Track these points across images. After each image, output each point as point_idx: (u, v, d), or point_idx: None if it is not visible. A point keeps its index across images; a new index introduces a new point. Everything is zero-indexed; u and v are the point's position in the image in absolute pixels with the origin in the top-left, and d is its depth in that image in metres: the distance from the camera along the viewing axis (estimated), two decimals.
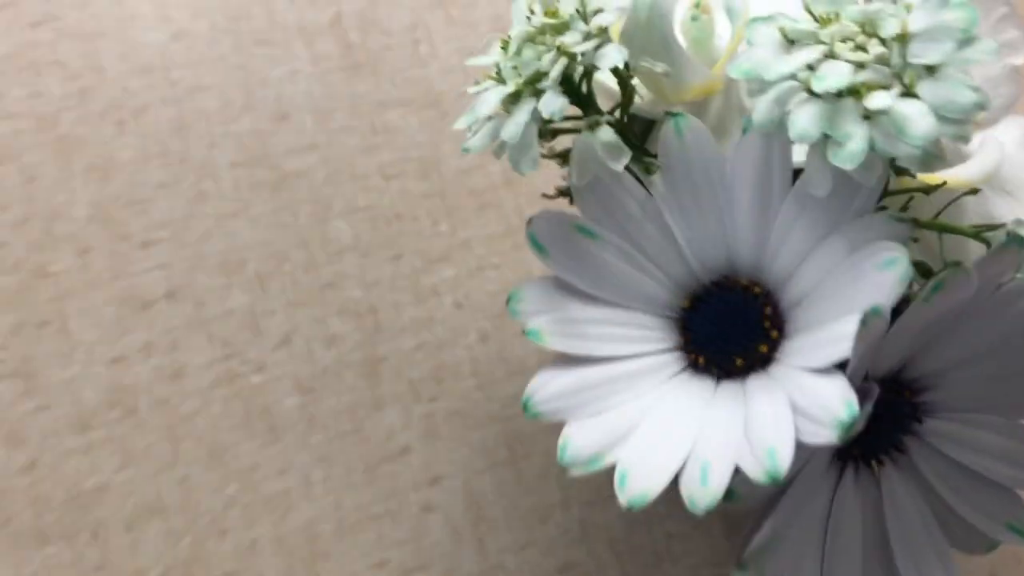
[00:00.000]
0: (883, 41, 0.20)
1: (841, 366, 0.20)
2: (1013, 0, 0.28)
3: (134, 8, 0.38)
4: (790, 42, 0.21)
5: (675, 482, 0.22)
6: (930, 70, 0.20)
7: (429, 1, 0.39)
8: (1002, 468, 0.23)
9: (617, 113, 0.24)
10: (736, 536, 0.33)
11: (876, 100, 0.19)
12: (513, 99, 0.22)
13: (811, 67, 0.20)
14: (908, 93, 0.20)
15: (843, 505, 0.23)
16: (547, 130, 0.23)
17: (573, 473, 0.22)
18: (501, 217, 0.37)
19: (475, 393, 0.34)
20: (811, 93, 0.20)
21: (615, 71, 0.23)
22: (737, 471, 0.20)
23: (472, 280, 0.36)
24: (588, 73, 0.23)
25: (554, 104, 0.21)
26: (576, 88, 0.23)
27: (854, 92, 0.20)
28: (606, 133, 0.22)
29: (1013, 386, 0.23)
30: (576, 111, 0.23)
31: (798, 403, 0.20)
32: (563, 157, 0.24)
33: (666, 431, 0.22)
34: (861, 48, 0.20)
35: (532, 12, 0.23)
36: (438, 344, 0.35)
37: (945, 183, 0.24)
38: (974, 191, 0.25)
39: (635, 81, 0.24)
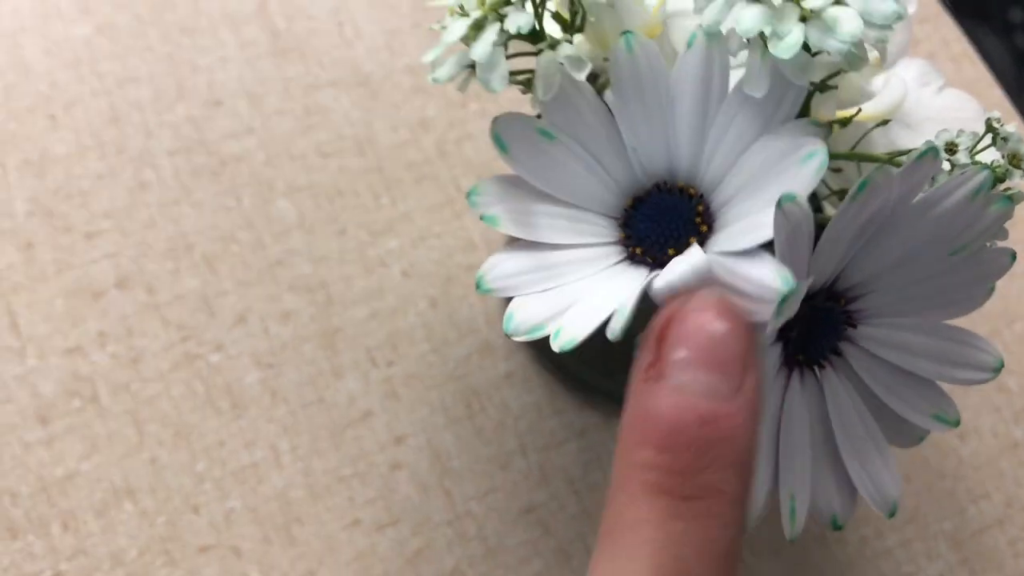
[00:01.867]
0: None
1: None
2: None
3: (54, 3, 0.38)
4: None
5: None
6: None
7: None
8: (925, 364, 0.26)
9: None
10: None
11: (812, 2, 0.22)
12: (477, 27, 0.24)
13: None
14: (839, 1, 0.22)
15: (792, 406, 0.26)
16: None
17: (516, 338, 0.25)
18: (439, 188, 0.38)
19: (430, 356, 0.36)
20: None
21: (558, 15, 0.26)
22: None
23: (416, 250, 0.37)
24: (541, 5, 0.25)
25: (520, 19, 0.23)
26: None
27: None
28: (567, 48, 0.24)
29: (931, 289, 0.26)
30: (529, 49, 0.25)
31: (730, 284, 0.22)
32: (525, 85, 0.26)
33: (600, 306, 0.24)
34: None
35: None
36: (390, 312, 0.36)
37: (859, 111, 0.27)
38: (884, 123, 0.28)
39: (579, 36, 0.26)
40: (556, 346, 0.24)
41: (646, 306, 0.23)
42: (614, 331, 0.23)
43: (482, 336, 0.36)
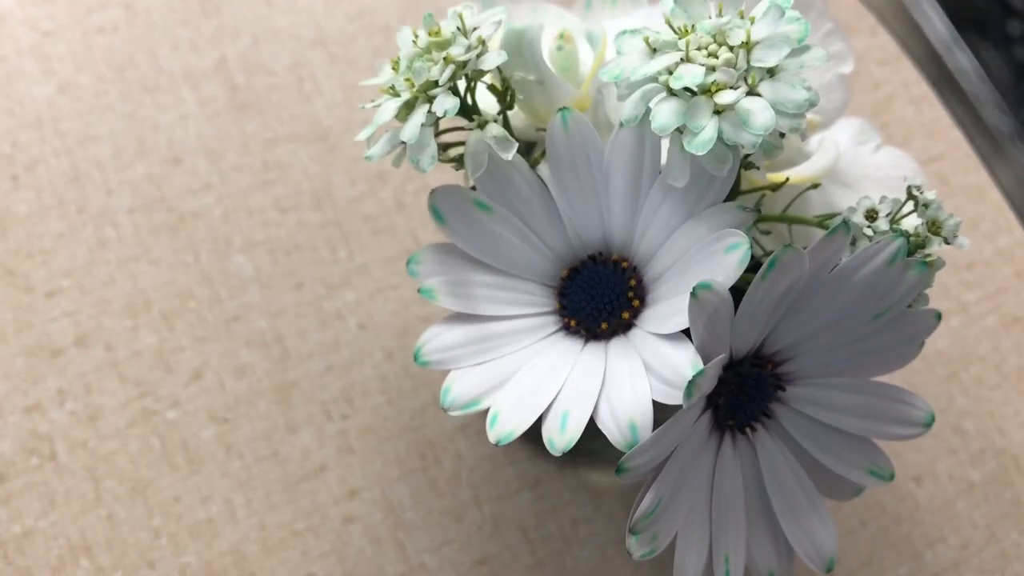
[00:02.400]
0: (731, 48, 0.23)
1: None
2: (837, 17, 0.32)
3: (17, 64, 0.39)
4: (653, 50, 0.24)
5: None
6: (770, 72, 0.23)
7: (310, 40, 0.41)
8: (856, 421, 0.27)
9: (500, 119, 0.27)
10: None
11: (725, 97, 0.23)
12: (408, 108, 0.25)
13: (670, 70, 0.23)
14: (752, 92, 0.23)
15: (725, 469, 0.26)
16: (438, 145, 0.26)
17: (452, 414, 0.25)
18: (396, 240, 0.39)
19: (385, 408, 0.36)
20: (670, 92, 0.23)
21: (492, 87, 0.26)
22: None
23: (373, 302, 0.38)
24: (471, 82, 0.25)
25: (447, 103, 0.24)
26: (462, 99, 0.26)
27: (706, 91, 0.23)
28: (494, 128, 0.25)
29: (857, 350, 0.26)
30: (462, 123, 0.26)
31: (653, 366, 0.23)
32: (457, 161, 0.27)
33: (536, 382, 0.25)
34: (713, 55, 0.23)
35: (416, 36, 0.25)
36: (346, 365, 0.37)
37: (788, 180, 0.27)
38: (815, 186, 0.29)
39: (512, 111, 0.27)
40: (492, 437, 0.24)
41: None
42: (556, 449, 0.24)
43: (437, 387, 0.37)
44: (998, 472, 0.40)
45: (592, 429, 0.24)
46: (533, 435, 0.36)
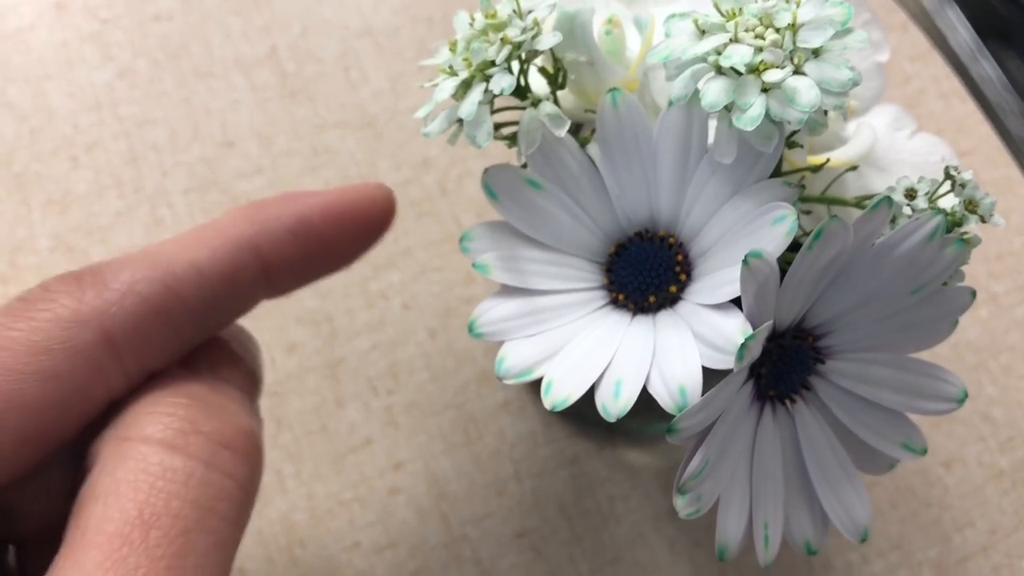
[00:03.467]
0: (778, 30, 0.24)
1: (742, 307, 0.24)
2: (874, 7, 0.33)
3: (78, 50, 0.40)
4: (702, 32, 0.25)
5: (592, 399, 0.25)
6: (815, 53, 0.24)
7: (357, 30, 0.43)
8: (892, 396, 0.28)
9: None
10: (669, 497, 0.37)
11: (772, 76, 0.24)
12: (465, 86, 0.26)
13: (719, 51, 0.24)
14: (798, 71, 0.24)
15: (765, 438, 0.27)
16: (494, 123, 0.27)
17: (507, 382, 0.26)
18: (439, 224, 0.40)
19: (428, 385, 0.37)
20: (719, 71, 0.24)
21: (542, 70, 0.27)
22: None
23: (417, 283, 0.39)
24: (525, 64, 0.27)
25: (503, 81, 0.25)
26: (517, 79, 0.27)
27: (754, 70, 0.24)
28: (548, 106, 0.26)
29: (895, 326, 0.27)
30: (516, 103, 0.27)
31: (702, 334, 0.24)
32: (511, 139, 0.28)
33: (587, 352, 0.26)
34: (760, 36, 0.24)
35: (473, 19, 0.26)
36: (391, 344, 0.38)
37: (828, 161, 0.28)
38: (853, 168, 0.30)
39: (562, 92, 0.28)
40: (548, 403, 0.25)
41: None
42: (611, 415, 0.25)
43: (479, 366, 0.38)
44: None
45: (632, 406, 0.25)
46: (575, 412, 0.37)
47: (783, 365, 0.27)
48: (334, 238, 0.27)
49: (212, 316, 0.24)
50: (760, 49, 0.24)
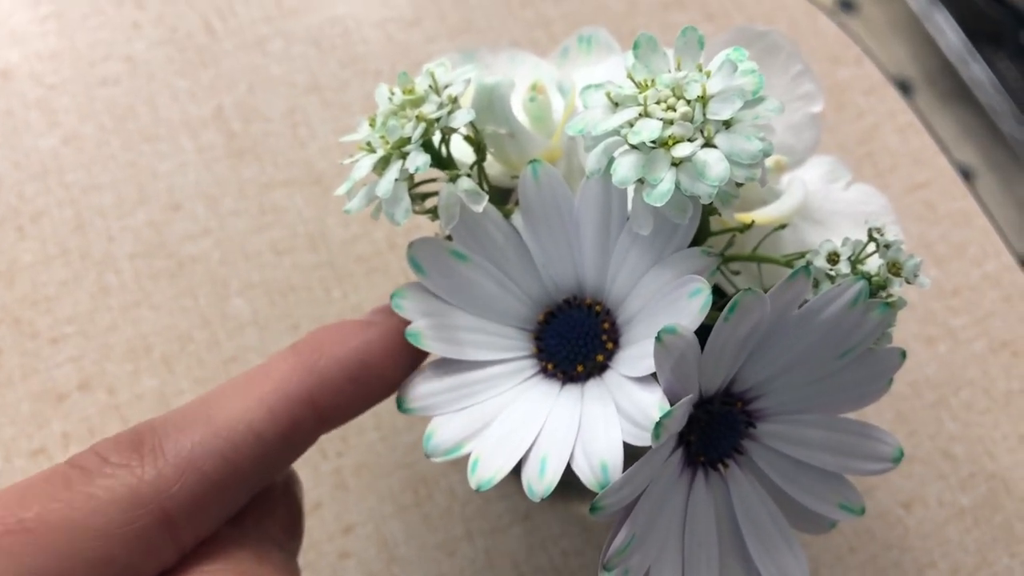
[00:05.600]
0: (688, 102, 0.24)
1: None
2: (822, 48, 0.33)
3: (24, 117, 0.40)
4: (615, 104, 0.25)
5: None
6: (726, 124, 0.24)
7: (304, 87, 0.43)
8: (827, 457, 0.27)
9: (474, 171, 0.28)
10: None
11: (681, 150, 0.24)
12: (383, 163, 0.26)
13: (630, 124, 0.24)
14: (708, 144, 0.24)
15: (697, 505, 0.27)
16: (416, 195, 0.27)
17: (435, 460, 0.26)
18: (388, 279, 0.40)
19: (378, 445, 0.37)
20: (631, 145, 0.24)
21: (467, 138, 0.27)
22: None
23: None
24: (445, 136, 0.26)
25: (418, 160, 0.25)
26: (436, 152, 0.27)
27: (664, 144, 0.24)
28: (465, 182, 0.26)
29: (825, 388, 0.27)
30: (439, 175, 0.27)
31: (624, 409, 0.24)
32: (432, 212, 0.28)
33: (515, 427, 0.26)
34: (671, 108, 0.24)
35: (392, 93, 0.26)
36: None
37: (754, 222, 0.28)
38: (783, 226, 0.29)
39: (487, 160, 0.28)
40: (473, 483, 0.25)
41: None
42: (536, 495, 0.24)
43: (428, 423, 0.38)
44: (988, 496, 0.40)
45: (559, 482, 0.25)
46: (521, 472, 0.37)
47: (713, 431, 0.27)
48: (393, 377, 0.27)
49: (268, 476, 0.24)
50: (670, 122, 0.24)
